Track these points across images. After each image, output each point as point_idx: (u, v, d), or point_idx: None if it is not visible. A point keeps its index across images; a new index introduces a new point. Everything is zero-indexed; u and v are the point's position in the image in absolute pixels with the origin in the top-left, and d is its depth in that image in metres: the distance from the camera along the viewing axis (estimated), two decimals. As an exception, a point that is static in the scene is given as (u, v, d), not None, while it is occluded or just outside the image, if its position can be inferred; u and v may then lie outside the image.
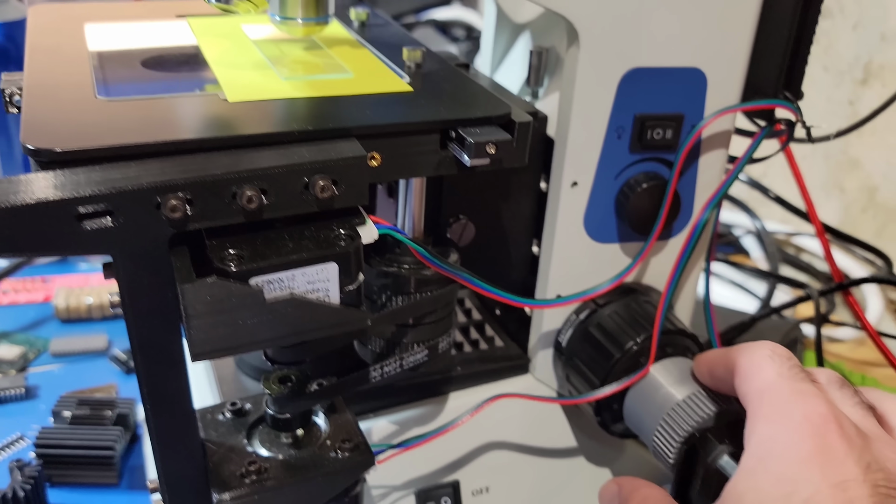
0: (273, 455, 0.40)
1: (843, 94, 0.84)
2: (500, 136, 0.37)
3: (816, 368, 0.40)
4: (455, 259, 0.44)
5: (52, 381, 0.68)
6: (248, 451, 0.40)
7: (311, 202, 0.34)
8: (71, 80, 0.39)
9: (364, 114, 0.37)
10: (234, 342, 0.33)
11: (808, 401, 0.35)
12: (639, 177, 0.48)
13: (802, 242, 0.89)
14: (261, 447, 0.41)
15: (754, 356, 0.39)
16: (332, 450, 0.40)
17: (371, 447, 0.43)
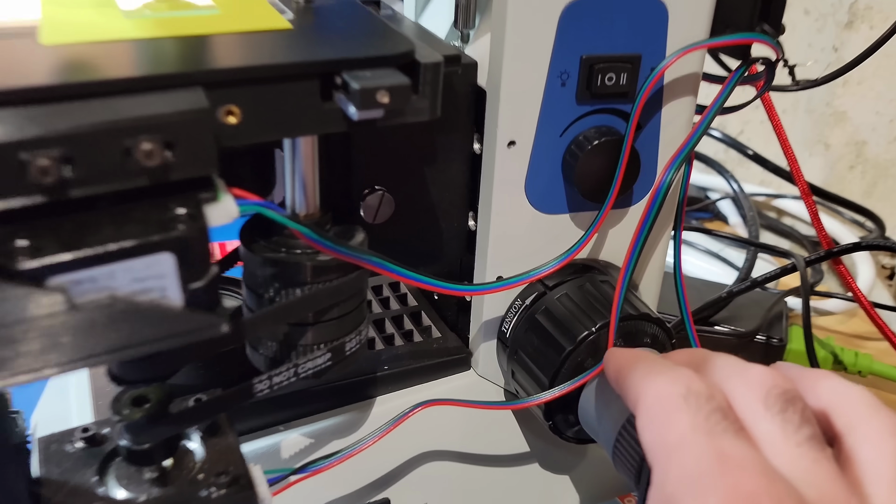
0: (132, 497, 0.32)
1: (827, 39, 0.75)
2: (396, 81, 0.28)
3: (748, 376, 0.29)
4: (361, 240, 0.35)
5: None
6: (98, 492, 0.32)
7: (136, 174, 0.25)
8: None
9: (219, 56, 0.28)
10: (33, 365, 0.24)
11: (732, 474, 0.25)
12: (589, 132, 0.40)
13: (785, 205, 0.81)
14: (117, 486, 0.32)
15: (662, 394, 0.29)
16: (206, 485, 0.32)
17: (268, 474, 0.35)
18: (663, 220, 0.44)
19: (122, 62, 0.28)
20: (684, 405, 0.28)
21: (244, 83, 0.28)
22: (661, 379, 0.30)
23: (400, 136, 0.39)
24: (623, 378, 0.33)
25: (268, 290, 0.34)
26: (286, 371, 0.34)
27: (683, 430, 0.27)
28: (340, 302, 0.35)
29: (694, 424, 0.27)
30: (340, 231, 0.36)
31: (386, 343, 0.46)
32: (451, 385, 0.45)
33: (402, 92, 0.28)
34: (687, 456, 0.27)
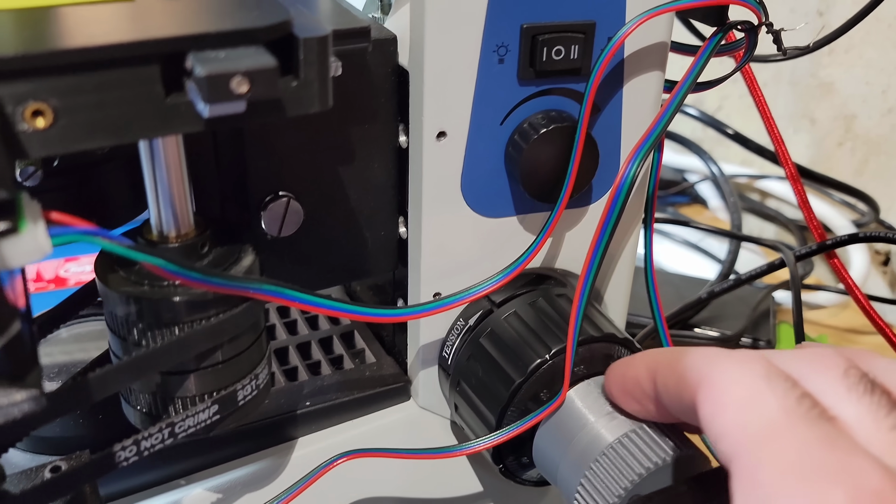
0: None
1: (811, 3, 0.68)
2: (256, 62, 0.21)
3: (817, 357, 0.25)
4: (248, 264, 0.28)
5: None
6: None
7: None
8: None
9: (17, 38, 0.21)
10: None
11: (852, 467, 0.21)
12: (535, 119, 0.33)
13: (768, 186, 0.74)
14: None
15: (738, 375, 0.24)
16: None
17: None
18: (630, 217, 0.38)
19: None
20: (767, 386, 0.23)
21: (52, 73, 0.21)
22: (732, 360, 0.25)
23: (306, 129, 0.32)
24: (668, 369, 0.27)
25: (131, 333, 0.27)
26: (159, 432, 0.27)
27: (775, 416, 0.23)
28: (225, 342, 0.28)
29: (786, 408, 0.23)
30: (222, 254, 0.28)
31: (310, 372, 0.39)
32: (387, 420, 0.39)
33: (266, 76, 0.21)
34: (788, 445, 0.22)
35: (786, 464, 0.21)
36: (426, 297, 0.36)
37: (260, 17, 0.23)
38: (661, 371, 0.28)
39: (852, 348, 0.27)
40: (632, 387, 0.30)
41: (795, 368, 0.25)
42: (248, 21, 0.23)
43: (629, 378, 0.30)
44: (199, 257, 0.28)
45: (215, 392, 0.28)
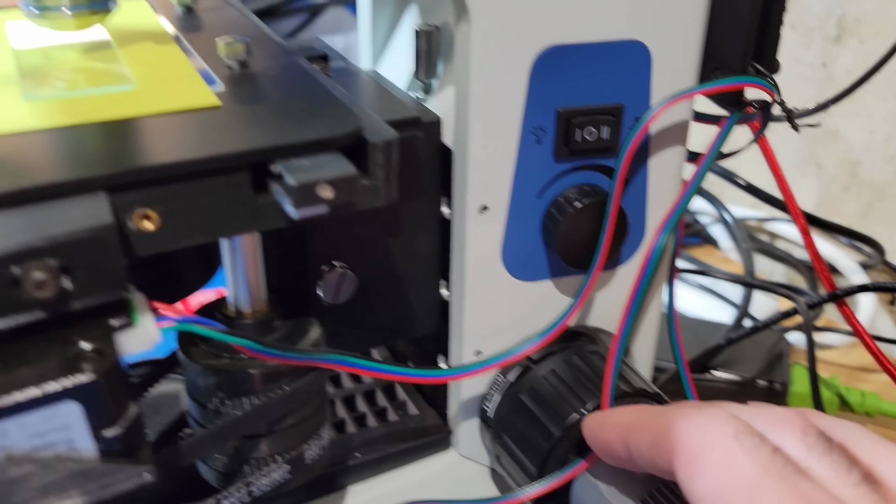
0: None
1: (815, 54, 0.72)
2: (340, 171, 0.24)
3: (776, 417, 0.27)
4: (315, 338, 0.31)
5: None
6: None
7: (28, 306, 0.21)
8: None
9: (127, 150, 0.24)
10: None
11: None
12: (569, 193, 0.36)
13: (777, 228, 0.77)
14: None
15: (707, 436, 0.25)
16: None
17: None
18: (656, 279, 0.40)
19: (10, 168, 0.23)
20: (740, 447, 0.25)
21: (160, 183, 0.23)
22: (698, 420, 0.26)
23: (359, 205, 0.35)
24: (639, 433, 0.29)
25: (211, 401, 0.30)
26: (238, 492, 0.30)
27: (752, 475, 0.24)
28: (296, 408, 0.30)
29: (762, 466, 0.24)
30: (292, 327, 0.31)
31: (357, 424, 0.42)
32: (431, 469, 0.41)
33: (348, 183, 0.24)
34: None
35: None
36: (467, 354, 0.38)
37: (334, 124, 0.26)
38: (632, 436, 0.29)
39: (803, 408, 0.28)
40: (603, 448, 0.32)
41: (759, 425, 0.26)
42: (325, 130, 0.26)
43: (601, 440, 0.32)
44: (271, 331, 0.31)
45: (286, 453, 0.31)
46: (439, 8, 0.37)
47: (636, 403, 0.37)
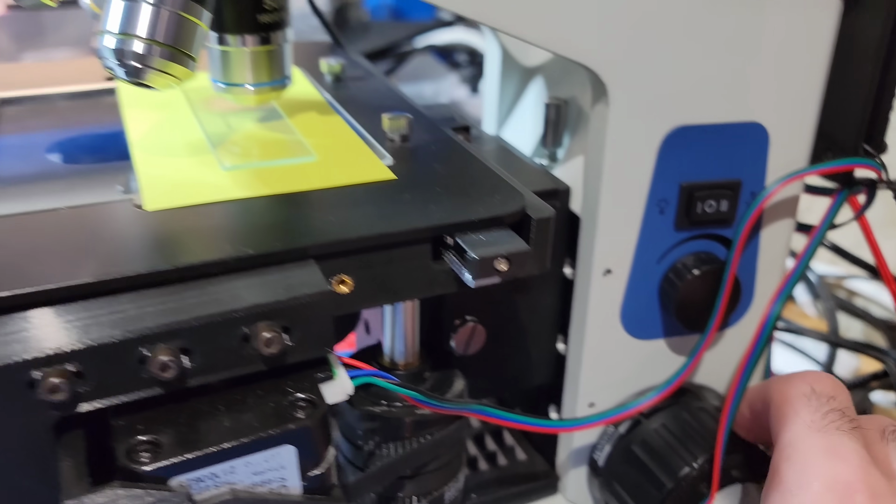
0: None
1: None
2: (515, 247, 0.27)
3: (866, 416, 0.34)
4: (461, 389, 0.34)
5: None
6: None
7: (253, 360, 0.24)
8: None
9: (328, 223, 0.27)
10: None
11: (836, 464, 0.30)
12: (687, 260, 0.39)
13: (856, 286, 0.78)
14: None
15: (789, 393, 0.33)
16: None
17: None
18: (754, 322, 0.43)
19: (231, 234, 0.27)
20: (805, 403, 0.32)
21: (357, 252, 0.27)
22: (789, 380, 0.34)
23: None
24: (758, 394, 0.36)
25: (367, 443, 0.33)
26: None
27: (801, 426, 0.31)
28: (443, 453, 0.33)
29: (809, 422, 0.31)
30: (439, 378, 0.34)
31: (469, 467, 0.45)
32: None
33: (521, 257, 0.27)
34: (800, 451, 0.31)
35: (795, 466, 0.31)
36: (581, 406, 0.41)
37: (503, 202, 0.29)
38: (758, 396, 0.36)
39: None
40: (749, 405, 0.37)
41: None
42: (496, 207, 0.29)
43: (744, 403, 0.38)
44: (422, 381, 0.34)
45: (429, 494, 0.34)
46: (567, 82, 0.41)
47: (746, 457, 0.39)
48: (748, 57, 0.35)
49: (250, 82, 0.33)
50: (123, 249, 0.26)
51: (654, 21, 0.33)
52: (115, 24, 0.27)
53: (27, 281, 0.23)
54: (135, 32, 0.27)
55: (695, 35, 0.34)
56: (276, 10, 0.32)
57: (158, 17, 0.27)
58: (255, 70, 0.33)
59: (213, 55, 0.33)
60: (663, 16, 0.33)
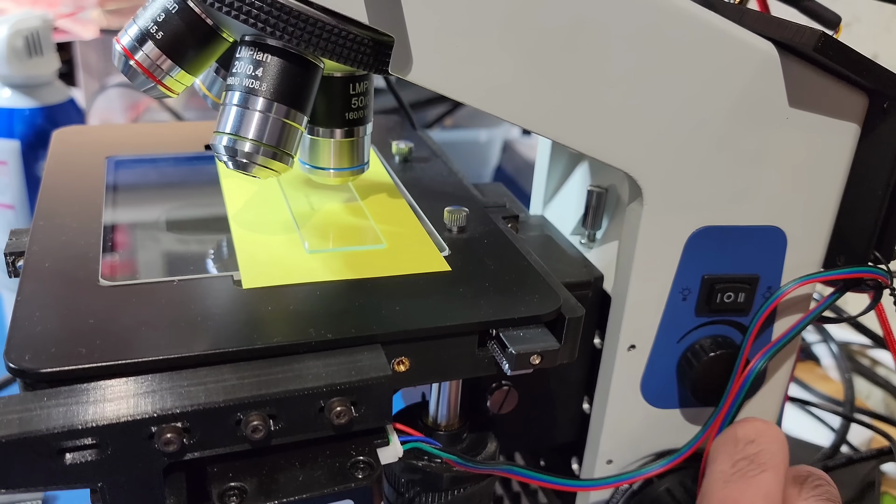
0: None
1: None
2: (547, 345, 0.32)
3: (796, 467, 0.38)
4: (493, 451, 0.39)
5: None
6: None
7: (325, 426, 0.30)
8: (77, 249, 0.35)
9: (393, 311, 0.33)
10: None
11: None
12: (704, 342, 0.43)
13: (879, 356, 0.82)
14: None
15: (717, 441, 0.38)
16: None
17: None
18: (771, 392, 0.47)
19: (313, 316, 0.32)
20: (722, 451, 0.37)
21: (416, 340, 0.32)
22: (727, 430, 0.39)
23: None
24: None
25: (409, 491, 0.38)
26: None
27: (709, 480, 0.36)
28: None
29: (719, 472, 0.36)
30: (474, 440, 0.39)
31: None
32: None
33: (553, 353, 0.32)
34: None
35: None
36: (600, 463, 0.46)
37: (541, 303, 0.34)
38: None
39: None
40: None
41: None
42: (535, 308, 0.34)
43: None
44: (460, 441, 0.39)
45: (460, 540, 0.39)
46: (608, 173, 0.45)
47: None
48: (770, 169, 0.40)
49: (333, 167, 0.38)
50: (227, 325, 0.31)
51: (688, 136, 0.38)
52: (229, 126, 0.33)
53: (149, 350, 0.29)
54: (245, 135, 0.32)
55: (722, 149, 0.39)
56: (361, 109, 0.37)
57: (266, 123, 0.32)
58: (337, 157, 0.38)
59: (304, 140, 0.38)
60: (696, 133, 0.38)
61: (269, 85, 0.32)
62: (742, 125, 0.38)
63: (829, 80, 0.39)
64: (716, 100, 0.37)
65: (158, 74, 0.34)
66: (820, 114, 0.39)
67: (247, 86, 0.32)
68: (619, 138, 0.37)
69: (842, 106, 0.40)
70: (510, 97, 0.35)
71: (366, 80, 0.37)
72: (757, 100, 0.38)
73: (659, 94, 0.37)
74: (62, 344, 0.29)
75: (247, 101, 0.32)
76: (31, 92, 0.71)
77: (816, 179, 0.41)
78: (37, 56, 0.70)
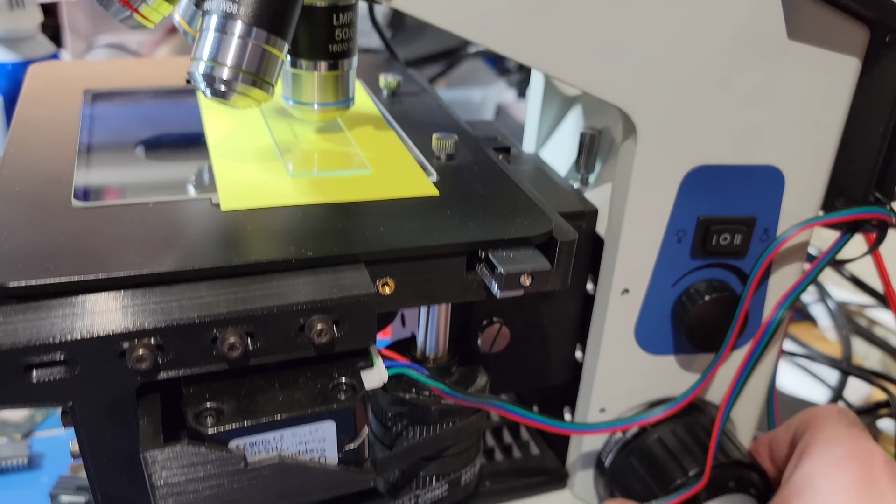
0: None
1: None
2: (537, 265, 0.31)
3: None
4: (483, 384, 0.38)
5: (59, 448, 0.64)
6: None
7: (306, 346, 0.29)
8: (49, 173, 0.34)
9: (377, 231, 0.31)
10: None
11: (856, 440, 0.35)
12: (700, 286, 0.42)
13: (877, 316, 0.81)
14: None
15: (820, 413, 0.39)
16: None
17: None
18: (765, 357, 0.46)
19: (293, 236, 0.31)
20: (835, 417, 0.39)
21: (401, 260, 0.31)
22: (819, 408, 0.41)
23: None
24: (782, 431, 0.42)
25: (396, 425, 0.37)
26: (408, 501, 0.37)
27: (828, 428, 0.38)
28: (461, 440, 0.37)
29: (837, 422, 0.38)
30: (464, 373, 0.38)
31: (486, 457, 0.49)
32: (546, 503, 0.47)
33: (543, 275, 0.31)
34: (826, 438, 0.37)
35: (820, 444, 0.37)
36: (593, 411, 0.45)
37: (532, 224, 0.33)
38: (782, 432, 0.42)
39: None
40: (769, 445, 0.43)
41: None
42: (526, 229, 0.32)
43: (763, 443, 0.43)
44: (449, 374, 0.38)
45: (448, 475, 0.38)
46: (602, 113, 0.44)
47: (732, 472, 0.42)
48: (768, 106, 0.39)
49: (317, 102, 0.37)
50: (203, 244, 0.30)
51: (684, 71, 0.37)
52: (206, 52, 0.31)
53: (122, 266, 0.28)
54: (224, 62, 0.31)
55: (720, 85, 0.37)
56: (345, 41, 0.36)
57: (245, 49, 0.31)
58: (322, 92, 0.37)
59: (286, 75, 0.37)
60: (693, 67, 0.37)
61: (248, 9, 0.31)
62: (740, 59, 0.37)
63: (830, 12, 0.38)
64: (713, 32, 0.36)
65: (134, 2, 0.33)
66: (820, 47, 0.38)
67: (225, 10, 0.31)
68: (612, 71, 0.36)
69: (842, 39, 0.38)
70: (501, 25, 0.34)
71: (350, 10, 0.36)
72: (755, 32, 0.37)
73: (654, 25, 0.35)
74: (30, 260, 0.28)
75: (225, 26, 0.31)
76: (13, 46, 0.70)
77: (815, 116, 0.40)
78: (18, 9, 0.69)
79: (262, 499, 0.28)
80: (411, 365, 0.32)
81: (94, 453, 0.28)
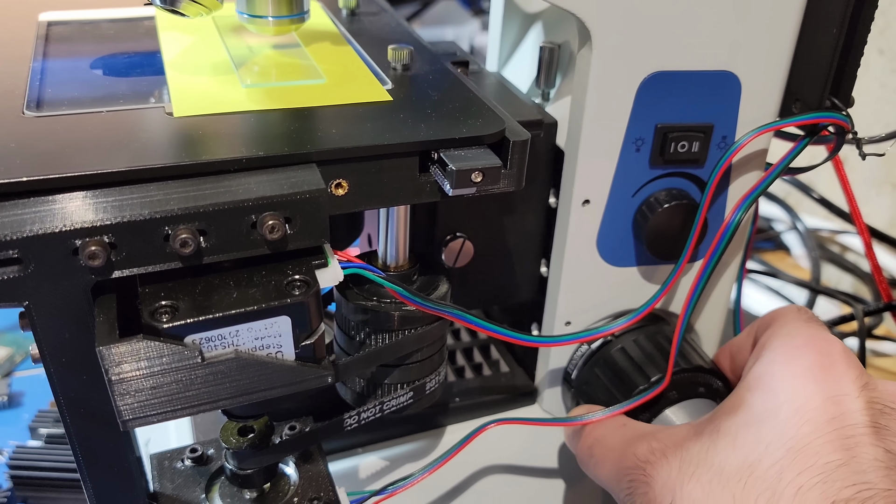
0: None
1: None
2: (488, 162, 0.31)
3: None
4: (444, 291, 0.38)
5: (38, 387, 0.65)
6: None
7: (259, 244, 0.29)
8: (2, 88, 0.34)
9: (329, 133, 0.32)
10: (169, 407, 0.28)
11: (815, 331, 0.36)
12: (659, 195, 0.43)
13: (848, 241, 0.82)
14: (220, 502, 0.36)
15: (780, 313, 0.40)
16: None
17: (350, 495, 0.39)
18: (727, 266, 0.47)
19: (246, 139, 0.31)
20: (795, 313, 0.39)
21: (353, 160, 0.31)
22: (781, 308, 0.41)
23: (482, 189, 0.42)
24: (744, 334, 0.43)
25: (359, 333, 0.37)
26: (373, 408, 0.37)
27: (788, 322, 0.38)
28: (424, 347, 0.38)
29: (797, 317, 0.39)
30: (426, 281, 0.39)
31: (457, 375, 0.50)
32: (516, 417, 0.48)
33: (494, 172, 0.31)
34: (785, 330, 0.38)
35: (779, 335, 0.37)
36: (559, 325, 0.45)
37: (484, 125, 0.33)
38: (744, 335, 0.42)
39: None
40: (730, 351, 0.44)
41: None
42: (477, 129, 0.33)
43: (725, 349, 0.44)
44: (411, 283, 0.38)
45: (412, 382, 0.38)
46: (561, 28, 0.44)
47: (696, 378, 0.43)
48: (723, 9, 0.39)
49: (271, 15, 0.37)
50: (154, 146, 0.30)
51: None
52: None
53: (73, 166, 0.28)
54: (172, -35, 0.31)
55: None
56: (299, -51, 0.36)
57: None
58: (276, 4, 0.37)
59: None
60: (645, -32, 0.37)
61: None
62: (693, -40, 0.37)
63: (783, -89, 0.38)
64: (665, -71, 0.36)
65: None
66: (774, -52, 0.38)
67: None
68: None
69: (796, -61, 0.38)
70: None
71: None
72: (708, -68, 0.37)
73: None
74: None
75: (174, -69, 0.31)
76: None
77: (770, 19, 0.40)
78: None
79: (220, 395, 0.29)
80: (367, 266, 0.32)
81: (52, 354, 0.29)
